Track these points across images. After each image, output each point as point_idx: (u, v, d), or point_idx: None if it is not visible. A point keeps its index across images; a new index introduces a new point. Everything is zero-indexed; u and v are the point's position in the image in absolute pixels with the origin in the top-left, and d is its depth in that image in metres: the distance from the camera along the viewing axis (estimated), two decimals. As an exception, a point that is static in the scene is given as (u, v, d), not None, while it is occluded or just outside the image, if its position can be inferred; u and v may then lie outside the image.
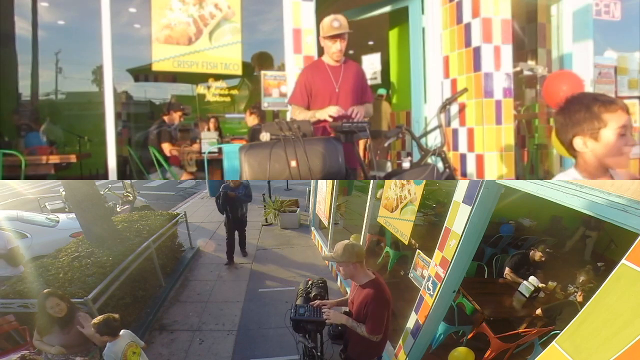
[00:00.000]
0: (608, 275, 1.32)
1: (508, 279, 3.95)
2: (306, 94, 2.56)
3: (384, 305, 2.03)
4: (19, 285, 3.10)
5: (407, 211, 3.09)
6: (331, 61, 2.57)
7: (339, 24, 2.42)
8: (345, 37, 2.49)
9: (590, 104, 1.20)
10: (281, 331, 3.57)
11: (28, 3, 3.25)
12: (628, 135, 1.20)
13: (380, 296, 2.01)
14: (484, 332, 3.33)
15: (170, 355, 3.45)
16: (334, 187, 5.44)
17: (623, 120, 1.18)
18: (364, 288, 2.07)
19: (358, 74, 2.66)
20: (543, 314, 3.24)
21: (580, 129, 1.23)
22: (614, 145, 1.21)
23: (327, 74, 2.55)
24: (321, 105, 2.52)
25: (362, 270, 2.09)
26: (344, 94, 2.56)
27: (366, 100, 2.70)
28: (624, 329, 1.24)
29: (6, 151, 3.09)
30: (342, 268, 2.09)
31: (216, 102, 3.82)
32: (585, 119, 1.21)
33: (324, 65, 2.57)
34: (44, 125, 3.56)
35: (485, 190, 2.04)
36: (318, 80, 2.54)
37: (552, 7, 3.68)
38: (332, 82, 2.55)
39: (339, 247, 2.06)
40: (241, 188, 5.34)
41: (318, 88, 2.54)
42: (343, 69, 2.58)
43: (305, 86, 2.56)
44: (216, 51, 3.27)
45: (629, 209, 1.26)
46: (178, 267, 5.21)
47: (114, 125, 3.21)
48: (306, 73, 2.60)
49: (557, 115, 1.29)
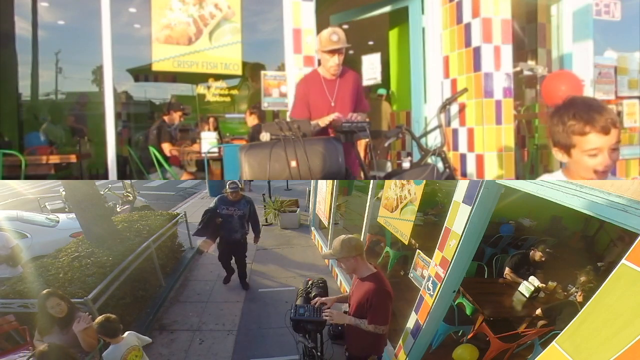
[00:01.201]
0: (608, 275, 1.32)
1: (508, 279, 3.95)
2: (305, 106, 2.55)
3: (387, 297, 2.03)
4: (19, 285, 3.10)
5: (407, 211, 3.09)
6: (327, 74, 2.55)
7: (337, 37, 2.40)
8: (343, 51, 2.46)
9: (566, 121, 1.18)
10: (281, 331, 3.57)
11: (28, 3, 3.25)
12: (601, 156, 1.17)
13: (382, 288, 2.01)
14: (484, 332, 3.33)
15: (170, 355, 3.45)
16: (334, 187, 5.44)
17: (595, 143, 1.15)
18: (365, 281, 2.07)
19: (354, 85, 2.64)
20: (543, 314, 3.24)
21: (556, 140, 1.24)
22: (585, 165, 1.21)
23: (322, 88, 2.55)
24: (316, 117, 2.52)
25: (363, 263, 2.08)
26: (339, 107, 2.54)
27: (362, 110, 2.70)
28: (624, 329, 1.24)
29: (6, 151, 3.09)
30: (343, 263, 2.07)
31: (216, 102, 3.82)
32: (559, 133, 1.21)
33: (319, 78, 2.56)
34: (44, 125, 3.56)
35: (485, 190, 2.04)
36: (314, 94, 2.54)
37: (552, 7, 3.68)
38: (327, 97, 2.54)
39: (337, 243, 2.05)
40: (242, 203, 4.20)
41: (314, 101, 2.54)
42: (339, 82, 2.57)
43: (304, 98, 2.55)
44: (216, 51, 3.27)
45: (629, 209, 1.26)
46: (178, 267, 5.21)
47: (114, 125, 3.21)
48: (302, 86, 2.60)
49: (548, 118, 1.30)
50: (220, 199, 4.18)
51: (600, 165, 1.18)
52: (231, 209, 4.13)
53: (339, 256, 2.04)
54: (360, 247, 2.05)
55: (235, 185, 4.09)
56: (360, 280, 2.11)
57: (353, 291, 2.22)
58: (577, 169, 1.25)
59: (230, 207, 4.14)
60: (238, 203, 4.15)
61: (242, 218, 4.18)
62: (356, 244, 2.03)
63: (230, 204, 4.14)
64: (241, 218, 4.18)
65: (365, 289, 2.04)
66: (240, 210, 4.14)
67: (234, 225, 4.16)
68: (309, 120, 2.34)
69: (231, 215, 4.12)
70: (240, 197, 4.18)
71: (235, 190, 4.06)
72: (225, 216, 4.11)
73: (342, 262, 2.07)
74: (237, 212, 4.13)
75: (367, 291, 2.02)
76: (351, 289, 2.28)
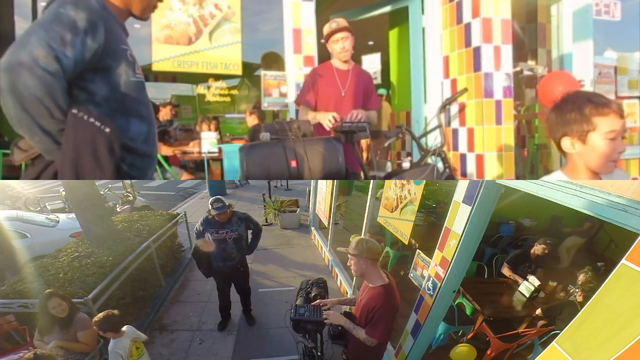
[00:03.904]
0: (608, 275, 1.32)
1: (507, 276, 3.95)
2: (314, 95, 2.57)
3: (391, 312, 1.98)
4: (19, 285, 3.10)
5: (407, 211, 3.09)
6: (339, 64, 2.58)
7: (336, 24, 2.47)
8: (349, 36, 2.51)
9: (582, 105, 1.16)
10: (281, 331, 3.57)
11: (28, 3, 3.24)
12: (618, 140, 1.16)
13: (389, 302, 1.95)
14: (484, 332, 3.33)
15: (170, 355, 3.45)
16: (334, 187, 5.44)
17: (614, 125, 1.14)
18: (375, 290, 2.00)
19: (366, 80, 2.68)
20: (543, 314, 3.24)
21: (570, 129, 1.20)
22: (601, 150, 1.17)
23: (334, 77, 2.57)
24: (326, 107, 2.54)
25: (374, 270, 2.02)
26: (349, 98, 2.57)
27: (371, 107, 2.71)
28: (624, 329, 1.24)
29: (6, 151, 3.09)
30: (353, 262, 2.03)
31: (216, 102, 3.82)
32: (575, 120, 1.17)
33: (332, 68, 2.59)
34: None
35: (485, 190, 2.04)
36: (325, 83, 2.56)
37: (552, 7, 3.68)
38: (339, 86, 2.56)
39: (354, 240, 2.04)
40: (235, 222, 3.26)
41: (324, 90, 2.56)
42: (351, 74, 2.59)
43: (313, 87, 2.56)
44: (216, 51, 3.27)
45: (629, 209, 1.26)
46: (178, 267, 5.21)
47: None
48: (314, 74, 2.63)
49: (550, 113, 1.26)
50: (205, 221, 3.22)
51: (620, 147, 1.16)
52: (222, 232, 3.20)
53: (350, 252, 2.02)
54: (374, 252, 2.00)
55: (220, 205, 3.09)
56: (370, 289, 2.04)
57: (361, 297, 2.15)
58: (588, 159, 1.21)
59: (221, 229, 3.19)
60: (229, 224, 3.22)
61: (238, 241, 3.28)
62: (370, 247, 1.99)
63: (219, 226, 3.20)
64: (237, 241, 3.27)
65: (373, 298, 1.99)
66: (233, 231, 3.23)
67: (229, 252, 3.26)
68: (310, 121, 2.34)
69: (224, 239, 3.21)
70: (231, 216, 3.24)
71: (222, 212, 3.10)
72: (217, 242, 3.19)
73: (352, 261, 2.04)
74: (231, 234, 3.22)
75: (374, 301, 1.97)
76: (360, 294, 2.21)
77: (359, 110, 2.43)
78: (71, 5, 1.16)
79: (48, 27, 1.11)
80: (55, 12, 1.14)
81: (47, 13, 1.17)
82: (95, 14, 1.20)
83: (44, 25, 1.12)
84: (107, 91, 1.25)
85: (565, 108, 1.20)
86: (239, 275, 3.57)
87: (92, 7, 1.20)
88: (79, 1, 1.18)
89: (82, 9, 1.17)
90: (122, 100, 1.28)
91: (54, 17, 1.14)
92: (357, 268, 2.02)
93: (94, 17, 1.19)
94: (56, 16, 1.14)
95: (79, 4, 1.17)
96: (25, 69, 1.05)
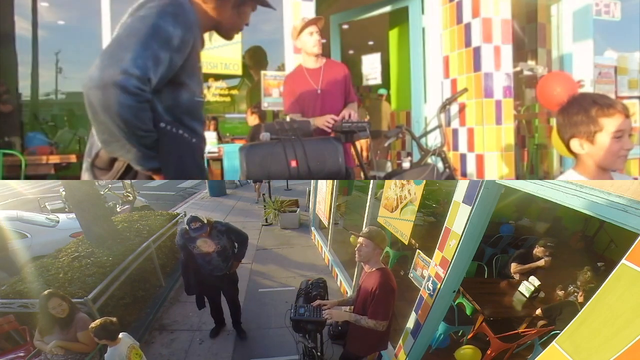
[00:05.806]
0: (608, 275, 1.32)
1: (514, 273, 3.94)
2: (295, 101, 2.56)
3: (391, 292, 2.11)
4: (19, 285, 3.10)
5: (407, 211, 3.09)
6: (310, 63, 2.55)
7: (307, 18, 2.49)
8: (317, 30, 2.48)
9: (588, 107, 1.21)
10: (281, 331, 3.57)
11: (28, 3, 3.25)
12: (625, 138, 1.21)
13: (387, 282, 2.11)
14: (484, 332, 3.33)
15: (170, 355, 3.45)
16: (334, 187, 5.44)
17: (620, 124, 1.19)
18: (373, 274, 2.17)
19: (340, 73, 2.62)
20: (543, 314, 3.24)
21: (577, 130, 1.25)
22: (610, 149, 1.22)
23: (305, 78, 2.55)
24: (306, 109, 2.52)
25: (378, 257, 2.23)
26: (326, 94, 2.54)
27: (350, 101, 2.69)
28: (624, 329, 1.24)
29: (6, 151, 3.09)
30: (364, 248, 2.18)
31: (216, 102, 3.82)
32: (582, 121, 1.22)
33: (302, 70, 2.58)
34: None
35: (485, 190, 2.04)
36: (298, 86, 2.55)
37: (552, 7, 3.68)
38: (312, 85, 2.54)
39: (372, 228, 2.25)
40: (215, 235, 3.08)
41: (300, 93, 2.54)
42: (323, 70, 2.56)
43: (291, 93, 2.56)
44: (216, 51, 3.27)
45: (629, 209, 1.26)
46: (178, 267, 5.20)
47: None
48: (287, 82, 2.62)
49: (558, 115, 1.31)
50: (184, 236, 3.02)
51: (624, 149, 1.22)
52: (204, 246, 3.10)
53: (369, 236, 2.17)
54: (386, 243, 2.27)
55: (197, 226, 2.89)
56: (369, 274, 2.21)
57: (360, 285, 2.30)
58: (598, 158, 1.26)
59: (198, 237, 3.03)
60: (209, 237, 3.05)
61: (223, 252, 3.15)
62: (385, 238, 2.23)
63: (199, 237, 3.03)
64: (222, 253, 3.14)
65: (372, 281, 2.14)
66: (216, 244, 3.08)
67: (215, 265, 3.16)
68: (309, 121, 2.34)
69: (208, 253, 3.09)
70: (210, 229, 3.03)
71: (201, 232, 2.92)
72: (201, 256, 3.10)
73: (363, 246, 2.19)
74: (213, 247, 3.09)
75: (373, 283, 2.11)
76: (360, 282, 2.35)
77: (348, 110, 2.39)
78: (171, 19, 1.11)
79: (145, 44, 1.06)
80: (155, 25, 1.09)
81: (144, 19, 1.10)
82: (189, 31, 1.16)
83: (141, 39, 1.06)
84: (171, 104, 1.23)
85: (572, 111, 1.25)
86: (223, 282, 3.39)
87: (189, 24, 1.16)
88: (178, 14, 1.13)
89: (180, 24, 1.12)
90: (181, 115, 1.26)
91: (152, 31, 1.08)
92: (367, 253, 2.19)
93: (188, 35, 1.16)
94: (155, 30, 1.08)
95: (178, 19, 1.12)
96: (119, 88, 1.02)
